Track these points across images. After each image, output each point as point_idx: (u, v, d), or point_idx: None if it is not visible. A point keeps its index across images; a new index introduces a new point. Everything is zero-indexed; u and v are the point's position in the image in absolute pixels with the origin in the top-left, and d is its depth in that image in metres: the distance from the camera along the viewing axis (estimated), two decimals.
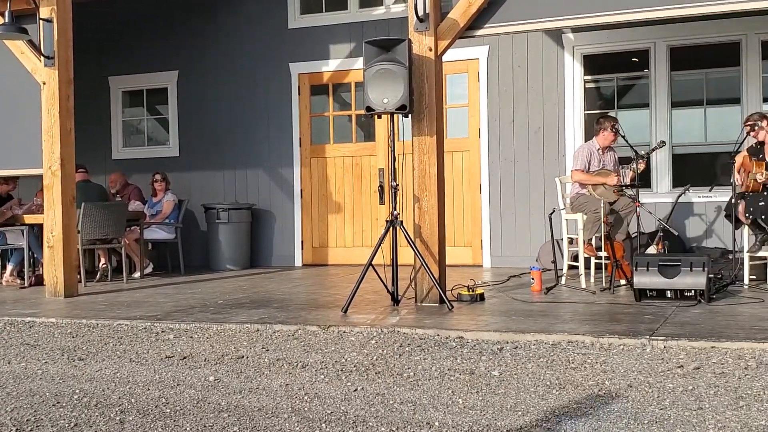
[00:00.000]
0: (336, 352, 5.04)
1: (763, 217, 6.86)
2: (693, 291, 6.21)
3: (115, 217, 8.71)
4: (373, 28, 9.62)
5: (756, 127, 7.10)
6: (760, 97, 8.49)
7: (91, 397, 4.25)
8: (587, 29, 8.86)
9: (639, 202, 7.23)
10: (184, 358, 5.09)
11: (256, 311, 6.43)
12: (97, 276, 9.11)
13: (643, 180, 8.45)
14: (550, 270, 7.73)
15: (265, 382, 4.45)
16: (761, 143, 7.18)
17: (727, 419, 3.50)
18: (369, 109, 6.45)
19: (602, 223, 7.16)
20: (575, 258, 7.72)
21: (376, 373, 4.51)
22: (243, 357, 5.03)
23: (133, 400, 4.20)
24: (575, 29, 8.96)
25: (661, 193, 8.79)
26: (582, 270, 7.48)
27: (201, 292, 7.87)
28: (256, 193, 10.38)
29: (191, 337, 5.65)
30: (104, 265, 9.20)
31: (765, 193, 6.92)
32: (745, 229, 7.17)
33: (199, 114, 10.63)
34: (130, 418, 3.88)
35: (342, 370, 4.60)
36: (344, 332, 5.51)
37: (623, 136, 7.52)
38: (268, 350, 5.16)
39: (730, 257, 7.23)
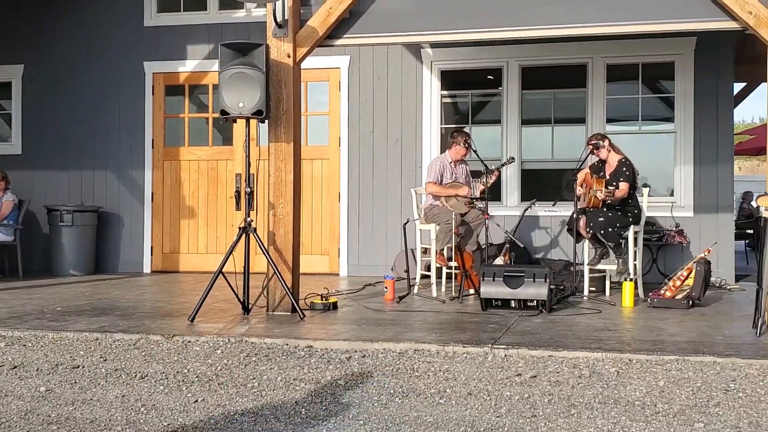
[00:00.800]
0: (179, 362, 4.88)
1: (602, 231, 7.21)
2: (535, 301, 6.45)
3: None
4: (233, 31, 9.47)
5: (599, 147, 7.47)
6: (603, 117, 8.95)
7: None
8: (445, 45, 9.08)
9: (488, 214, 7.45)
10: (15, 367, 4.79)
11: (97, 319, 6.15)
12: None
13: (494, 193, 8.73)
14: (404, 279, 7.82)
15: (100, 393, 4.25)
16: (602, 161, 7.57)
17: (558, 426, 3.63)
18: (224, 112, 6.33)
19: (453, 234, 7.33)
20: (428, 267, 7.86)
21: (218, 384, 4.40)
22: (79, 367, 4.79)
23: None
24: (433, 45, 9.16)
25: (510, 207, 9.09)
26: (434, 279, 7.62)
27: (39, 297, 7.45)
28: (104, 196, 9.96)
29: (24, 345, 5.33)
30: None
31: (604, 209, 7.29)
32: (586, 243, 7.52)
33: (46, 111, 10.10)
34: None
35: (183, 381, 4.46)
36: (189, 342, 5.35)
37: (475, 151, 7.74)
38: (106, 360, 4.94)
39: (572, 269, 7.56)
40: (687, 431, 3.57)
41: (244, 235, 6.37)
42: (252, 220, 6.41)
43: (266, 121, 6.48)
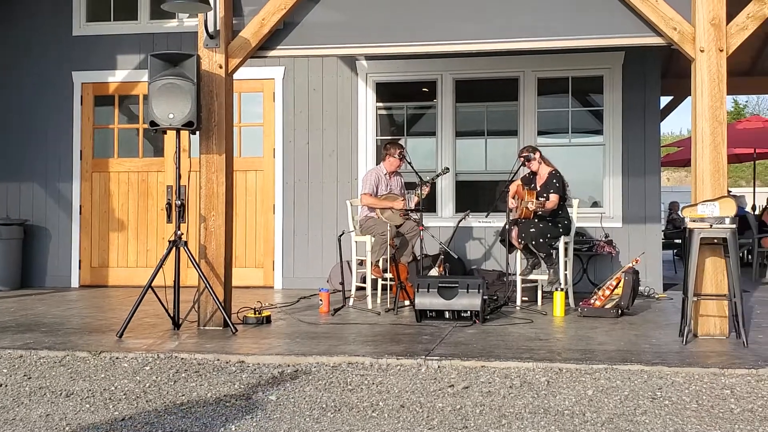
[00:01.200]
0: (106, 379, 4.76)
1: (533, 242, 7.32)
2: (469, 312, 6.49)
3: None
4: (164, 41, 9.35)
5: (530, 159, 7.58)
6: (535, 130, 9.09)
7: None
8: (379, 58, 9.12)
9: (423, 225, 7.49)
10: None
11: (22, 336, 5.96)
12: None
13: (429, 205, 8.78)
14: (339, 291, 7.80)
15: (23, 413, 4.11)
16: (533, 173, 7.68)
17: None
18: (153, 123, 6.23)
19: (389, 246, 7.34)
20: (363, 279, 7.85)
21: (147, 401, 4.30)
22: (1, 385, 4.63)
23: None
24: (368, 57, 9.19)
25: (445, 218, 9.16)
26: (369, 291, 7.61)
27: None
28: (30, 208, 9.68)
29: None
30: None
31: (536, 220, 7.40)
32: (518, 253, 7.61)
33: None
34: None
35: (110, 399, 4.34)
36: (117, 358, 5.23)
37: (409, 163, 7.78)
38: (30, 378, 4.78)
39: (505, 279, 7.64)
40: None
41: (174, 249, 6.27)
42: (182, 234, 6.31)
43: (198, 132, 6.40)
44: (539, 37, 6.31)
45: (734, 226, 5.63)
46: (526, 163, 7.60)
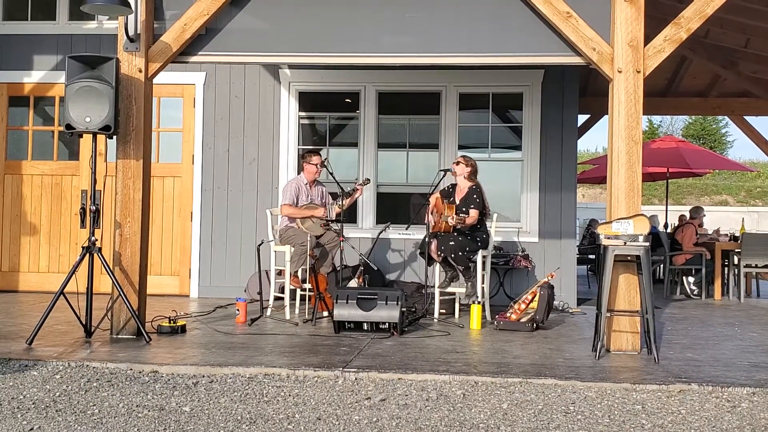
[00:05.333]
0: (14, 387, 4.60)
1: (452, 255, 7.41)
2: (387, 323, 6.52)
3: None
4: (83, 43, 9.12)
5: (469, 167, 7.70)
6: (455, 144, 9.21)
7: None
8: (301, 67, 9.10)
9: (343, 236, 7.49)
10: None
11: None
12: None
13: (350, 216, 8.79)
14: (257, 301, 7.72)
15: None
16: (453, 186, 7.78)
17: None
18: (69, 127, 6.08)
19: (308, 256, 7.32)
20: (282, 290, 7.80)
21: (56, 411, 4.17)
22: None
23: None
24: (291, 66, 9.16)
25: (365, 229, 9.19)
26: (287, 302, 7.56)
27: None
28: None
29: None
30: None
31: (455, 234, 7.49)
32: (437, 266, 7.70)
33: None
34: None
35: (18, 408, 4.20)
36: (26, 366, 5.06)
37: (330, 173, 7.78)
38: None
39: (424, 291, 7.71)
40: None
41: (87, 255, 6.11)
42: (97, 239, 6.15)
43: (115, 136, 6.26)
44: (460, 53, 6.40)
45: (647, 243, 5.76)
46: (454, 166, 7.70)
